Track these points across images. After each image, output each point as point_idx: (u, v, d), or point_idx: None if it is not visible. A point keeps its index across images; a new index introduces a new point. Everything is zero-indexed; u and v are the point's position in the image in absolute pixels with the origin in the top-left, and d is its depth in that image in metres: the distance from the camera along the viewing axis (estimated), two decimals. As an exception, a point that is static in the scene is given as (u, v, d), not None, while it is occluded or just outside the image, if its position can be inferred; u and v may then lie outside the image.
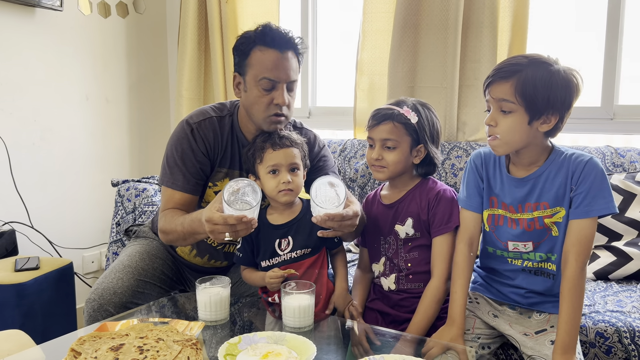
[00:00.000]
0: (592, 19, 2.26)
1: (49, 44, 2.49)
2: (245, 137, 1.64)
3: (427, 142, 1.51)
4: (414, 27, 2.35)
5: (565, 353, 1.24)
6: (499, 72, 1.29)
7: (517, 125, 1.28)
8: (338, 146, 2.46)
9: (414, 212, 1.52)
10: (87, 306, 1.54)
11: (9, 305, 1.99)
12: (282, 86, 1.52)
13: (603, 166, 1.99)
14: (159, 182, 1.66)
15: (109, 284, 1.58)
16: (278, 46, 1.51)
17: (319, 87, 2.86)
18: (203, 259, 1.75)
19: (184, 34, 2.85)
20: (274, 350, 1.18)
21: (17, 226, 2.36)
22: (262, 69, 1.51)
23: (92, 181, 2.72)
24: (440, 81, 2.34)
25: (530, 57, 1.29)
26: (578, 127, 2.24)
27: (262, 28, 1.53)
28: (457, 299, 1.38)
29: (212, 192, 1.66)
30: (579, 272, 1.26)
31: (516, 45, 2.22)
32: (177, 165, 1.59)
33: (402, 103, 1.52)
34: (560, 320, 1.26)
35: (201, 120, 1.61)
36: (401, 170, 1.52)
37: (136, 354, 1.12)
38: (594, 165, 1.29)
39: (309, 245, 1.50)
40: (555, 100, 1.26)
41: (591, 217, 1.28)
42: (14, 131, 2.37)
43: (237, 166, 1.65)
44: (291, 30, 1.56)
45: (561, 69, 1.27)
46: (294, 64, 1.54)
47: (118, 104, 2.85)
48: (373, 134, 1.52)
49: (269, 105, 1.53)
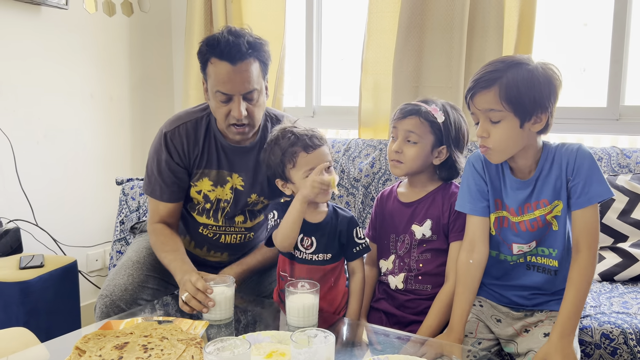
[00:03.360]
0: (599, 18, 2.25)
1: (54, 42, 2.50)
2: (223, 136, 1.64)
3: (451, 144, 1.50)
4: (419, 26, 2.35)
5: (563, 337, 1.23)
6: (479, 83, 1.26)
7: (509, 132, 1.26)
8: (342, 146, 2.46)
9: (434, 214, 1.50)
10: (99, 302, 1.55)
11: (13, 302, 1.99)
12: (237, 98, 1.49)
13: (608, 167, 1.98)
14: (142, 189, 1.68)
15: (119, 280, 1.59)
16: (230, 58, 1.45)
17: (323, 86, 2.85)
18: (202, 251, 1.77)
19: (191, 33, 2.85)
20: (278, 349, 1.18)
21: (22, 224, 2.37)
22: (216, 81, 1.49)
23: (96, 179, 2.72)
24: (445, 81, 2.33)
25: (506, 61, 1.27)
26: (583, 127, 2.23)
27: (213, 39, 1.48)
28: (456, 308, 1.37)
29: (194, 191, 1.67)
30: (592, 260, 1.26)
31: (522, 45, 2.20)
32: (154, 175, 1.64)
33: (431, 102, 1.52)
34: (564, 304, 1.25)
35: (174, 128, 1.62)
36: (419, 168, 1.51)
37: (140, 353, 1.12)
38: (585, 153, 1.29)
39: (331, 252, 1.49)
40: (541, 98, 1.24)
41: (592, 204, 1.27)
42: (18, 129, 2.37)
43: (214, 166, 1.65)
44: (247, 36, 1.49)
45: (538, 66, 1.26)
46: (252, 73, 1.49)
47: (122, 102, 2.85)
48: (398, 124, 1.51)
49: (227, 117, 1.52)
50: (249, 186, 1.67)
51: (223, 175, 1.66)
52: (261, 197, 1.70)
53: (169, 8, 3.09)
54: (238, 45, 1.46)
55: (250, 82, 1.49)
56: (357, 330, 1.44)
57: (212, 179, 1.65)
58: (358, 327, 1.45)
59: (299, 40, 2.83)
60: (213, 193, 1.66)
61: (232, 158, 1.65)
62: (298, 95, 2.89)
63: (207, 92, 1.56)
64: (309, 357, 1.03)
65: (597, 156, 2.02)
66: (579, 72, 2.35)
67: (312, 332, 1.10)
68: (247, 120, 1.53)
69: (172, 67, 3.14)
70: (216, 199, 1.67)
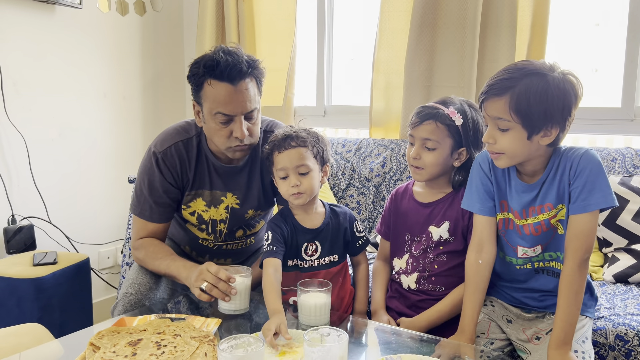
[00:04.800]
0: (613, 17, 2.23)
1: (68, 41, 2.52)
2: (215, 156, 1.61)
3: (470, 145, 1.47)
4: (431, 25, 2.34)
5: (558, 348, 1.22)
6: (492, 89, 1.23)
7: (516, 142, 1.24)
8: (353, 145, 2.46)
9: (452, 216, 1.48)
10: (123, 300, 1.52)
11: (27, 299, 2.01)
12: (239, 119, 1.47)
13: (623, 168, 1.96)
14: (130, 209, 1.64)
15: (143, 279, 1.58)
16: (230, 79, 1.43)
17: (334, 86, 2.85)
18: (205, 258, 1.76)
19: (202, 32, 2.86)
20: (292, 348, 1.18)
21: (36, 221, 2.39)
22: (215, 103, 1.45)
23: (109, 177, 2.74)
24: (457, 80, 2.32)
25: (523, 69, 1.22)
26: (597, 128, 2.21)
27: (211, 61, 1.44)
28: (466, 309, 1.36)
29: (187, 213, 1.65)
30: (576, 269, 1.23)
31: (535, 45, 2.19)
32: (144, 195, 1.59)
33: (449, 103, 1.48)
34: (557, 316, 1.24)
35: (166, 148, 1.57)
36: (440, 172, 1.49)
37: (154, 349, 1.13)
38: (590, 158, 1.24)
39: (337, 252, 1.49)
40: (553, 113, 1.20)
41: (589, 211, 1.23)
42: (33, 127, 2.39)
43: (206, 186, 1.62)
44: (243, 56, 1.46)
45: (557, 76, 1.20)
46: (251, 93, 1.47)
47: (134, 101, 2.87)
48: (414, 132, 1.48)
49: (228, 138, 1.49)
50: (244, 204, 1.65)
51: (217, 195, 1.63)
52: (258, 210, 1.69)
53: (181, 7, 3.11)
54: (238, 65, 1.43)
55: (251, 102, 1.47)
56: (369, 329, 1.44)
57: (205, 199, 1.63)
58: (370, 325, 1.45)
59: (311, 39, 2.83)
60: (207, 213, 1.64)
61: (225, 178, 1.62)
62: (309, 94, 2.89)
63: (201, 114, 1.52)
64: (322, 355, 1.03)
65: (611, 157, 2.00)
66: (591, 73, 2.33)
67: (325, 330, 1.10)
68: (248, 140, 1.51)
69: (183, 66, 3.15)
70: (210, 219, 1.65)
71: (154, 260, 1.57)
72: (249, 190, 1.65)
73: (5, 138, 2.30)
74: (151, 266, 1.58)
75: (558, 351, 1.22)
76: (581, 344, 1.30)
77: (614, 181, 1.88)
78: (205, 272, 1.39)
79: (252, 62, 1.48)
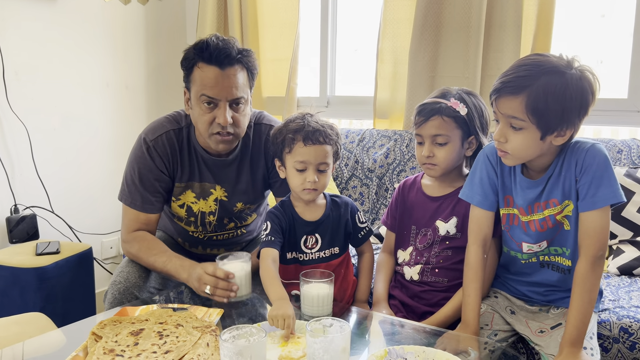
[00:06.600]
0: (619, 8, 2.20)
1: (70, 30, 2.50)
2: (203, 149, 1.59)
3: (478, 132, 1.45)
4: (436, 15, 2.31)
5: (572, 346, 1.21)
6: (507, 86, 1.18)
7: (528, 142, 1.20)
8: (357, 136, 2.44)
9: (461, 212, 1.47)
10: (111, 289, 1.53)
11: (30, 288, 2.02)
12: (223, 104, 1.45)
13: (629, 160, 1.94)
14: (118, 197, 1.63)
15: (133, 267, 1.58)
16: (218, 62, 1.43)
17: (338, 76, 2.83)
18: (197, 249, 1.76)
19: (204, 21, 2.84)
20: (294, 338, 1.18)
21: (38, 211, 2.39)
22: (202, 86, 1.45)
23: (111, 167, 2.73)
24: (462, 71, 2.30)
25: (542, 66, 1.16)
26: (603, 119, 2.19)
27: (202, 43, 1.45)
28: (470, 303, 1.34)
29: (176, 205, 1.64)
30: (589, 267, 1.21)
31: (541, 35, 2.17)
32: (135, 184, 1.58)
33: (448, 94, 1.45)
34: (570, 314, 1.22)
35: (157, 136, 1.57)
36: (454, 164, 1.47)
37: (156, 339, 1.13)
38: (595, 153, 1.21)
39: (337, 244, 1.48)
40: (569, 113, 1.16)
41: (598, 208, 1.21)
42: (35, 116, 2.39)
43: (196, 178, 1.61)
44: (235, 43, 1.47)
45: (575, 74, 1.16)
46: (239, 80, 1.46)
47: (137, 91, 2.86)
48: (421, 130, 1.45)
49: (211, 124, 1.47)
50: (232, 197, 1.65)
51: (206, 187, 1.62)
52: (247, 204, 1.69)
53: (184, -4, 3.09)
54: (227, 50, 1.44)
55: (237, 89, 1.46)
56: (372, 320, 1.43)
57: (195, 191, 1.62)
58: (373, 317, 1.45)
59: (314, 29, 2.81)
60: (196, 205, 1.64)
61: (214, 170, 1.62)
62: (312, 85, 2.87)
63: (189, 101, 1.52)
64: (324, 346, 1.03)
65: (617, 148, 1.98)
66: (597, 64, 2.30)
67: (328, 321, 1.09)
68: (232, 129, 1.49)
69: (186, 56, 3.13)
70: (200, 211, 1.64)
71: (149, 257, 1.55)
72: (238, 184, 1.64)
73: (7, 127, 2.30)
74: (145, 262, 1.57)
75: (572, 349, 1.21)
76: (589, 341, 1.29)
77: (619, 173, 1.87)
78: (204, 276, 1.39)
79: (244, 51, 1.48)
